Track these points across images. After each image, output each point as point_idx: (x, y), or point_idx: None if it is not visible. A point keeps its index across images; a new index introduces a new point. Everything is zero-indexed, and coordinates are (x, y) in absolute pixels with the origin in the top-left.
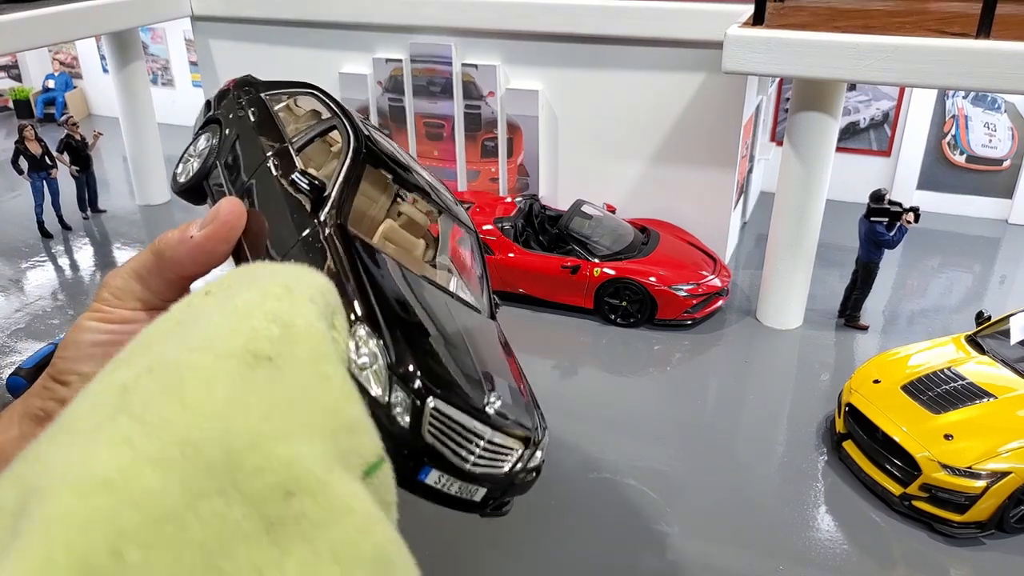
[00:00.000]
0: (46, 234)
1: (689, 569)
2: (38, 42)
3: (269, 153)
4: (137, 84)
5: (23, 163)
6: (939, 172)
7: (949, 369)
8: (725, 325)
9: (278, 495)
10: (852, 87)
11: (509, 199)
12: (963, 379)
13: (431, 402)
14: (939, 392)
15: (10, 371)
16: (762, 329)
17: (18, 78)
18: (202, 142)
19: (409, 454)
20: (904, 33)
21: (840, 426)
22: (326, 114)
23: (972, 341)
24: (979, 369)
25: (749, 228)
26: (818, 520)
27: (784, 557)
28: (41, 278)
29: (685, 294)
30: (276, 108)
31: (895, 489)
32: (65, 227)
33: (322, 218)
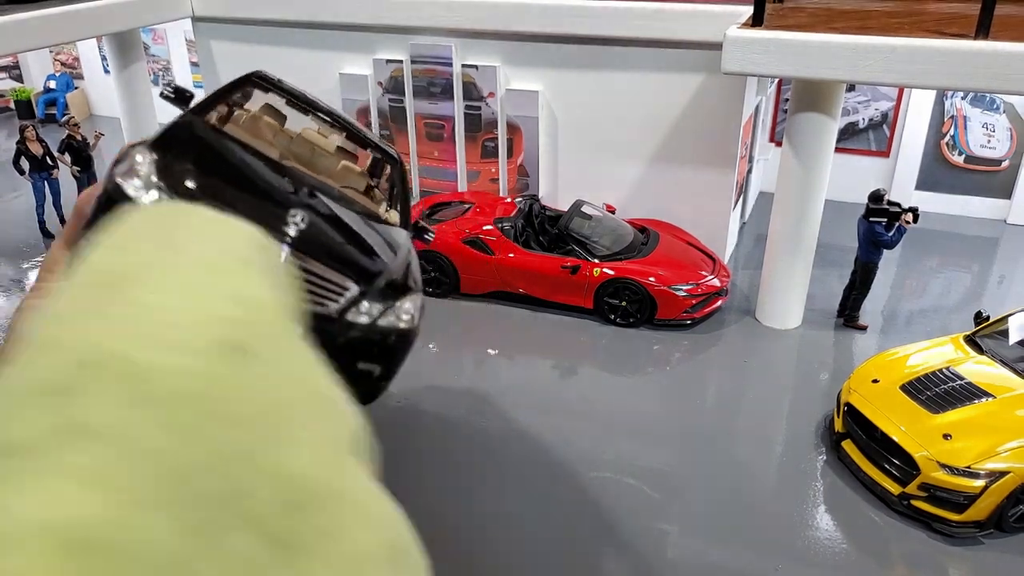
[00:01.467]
0: (47, 234)
1: (688, 568)
2: (39, 43)
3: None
4: (138, 85)
5: (24, 163)
6: (938, 172)
7: (948, 369)
8: (724, 325)
9: (290, 513)
10: (851, 88)
11: (509, 199)
12: (962, 379)
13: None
14: (938, 392)
15: None
16: (761, 329)
17: (19, 79)
18: None
19: None
20: (903, 34)
21: (839, 426)
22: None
23: (971, 341)
24: (978, 369)
25: (748, 228)
26: (817, 519)
27: (783, 556)
28: None
29: (684, 294)
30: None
31: (894, 488)
32: None
33: (184, 114)
